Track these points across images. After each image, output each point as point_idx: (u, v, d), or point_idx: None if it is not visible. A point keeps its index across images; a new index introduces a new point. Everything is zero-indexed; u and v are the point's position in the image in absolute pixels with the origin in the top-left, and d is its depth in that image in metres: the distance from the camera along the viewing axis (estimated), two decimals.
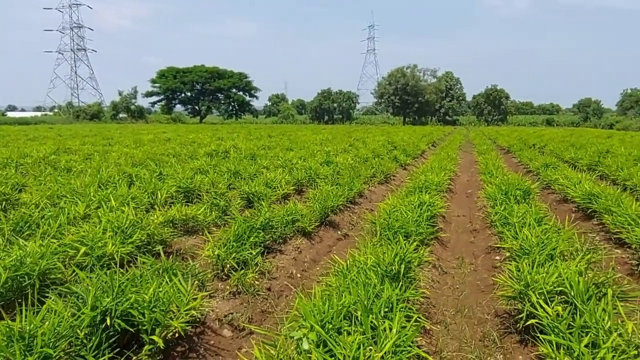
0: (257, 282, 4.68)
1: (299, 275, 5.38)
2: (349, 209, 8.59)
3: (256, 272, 4.83)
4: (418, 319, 3.39)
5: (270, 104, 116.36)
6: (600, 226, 7.07)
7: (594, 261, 4.58)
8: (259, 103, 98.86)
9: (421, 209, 6.28)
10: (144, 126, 50.03)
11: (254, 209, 6.62)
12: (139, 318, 3.02)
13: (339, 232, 7.28)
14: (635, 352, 2.82)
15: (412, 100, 76.59)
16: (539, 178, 11.81)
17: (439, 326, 4.21)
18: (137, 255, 4.37)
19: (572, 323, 3.03)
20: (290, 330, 2.81)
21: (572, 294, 3.47)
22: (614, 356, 2.72)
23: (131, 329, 3.05)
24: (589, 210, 7.62)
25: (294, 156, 13.86)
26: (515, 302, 3.85)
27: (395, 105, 78.78)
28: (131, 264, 4.26)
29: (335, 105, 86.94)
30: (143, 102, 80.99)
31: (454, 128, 62.54)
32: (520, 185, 7.71)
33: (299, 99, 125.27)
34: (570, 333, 3.00)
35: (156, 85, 77.91)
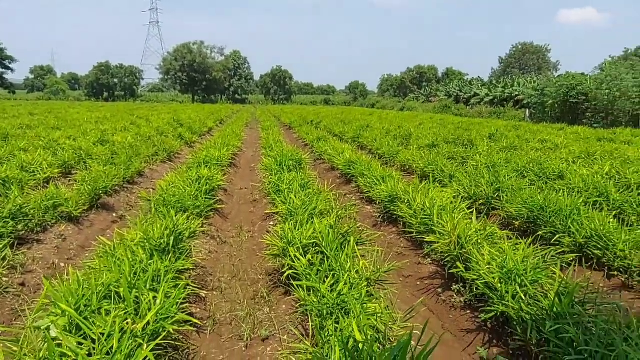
0: (4, 279, 4.05)
1: (62, 264, 4.85)
2: (126, 190, 8.05)
3: (4, 267, 4.18)
4: (187, 286, 3.46)
5: (33, 77, 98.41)
6: (357, 188, 8.29)
7: (345, 216, 5.38)
8: (16, 76, 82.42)
9: (199, 184, 6.32)
10: None
11: (3, 196, 5.64)
12: None
13: (114, 215, 6.79)
14: (365, 283, 3.46)
15: (201, 77, 75.02)
16: (312, 150, 13.11)
17: (215, 292, 4.37)
18: None
19: (320, 268, 3.53)
20: (36, 320, 2.54)
21: (324, 244, 4.02)
22: (349, 288, 3.28)
23: None
24: (349, 175, 8.85)
25: (62, 136, 12.19)
26: (280, 259, 4.26)
27: (183, 83, 75.93)
28: None
29: (115, 80, 78.91)
30: None
31: (242, 106, 63.96)
32: (293, 157, 8.43)
33: (70, 73, 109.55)
34: (319, 277, 3.49)
35: None
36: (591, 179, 6.89)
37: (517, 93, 36.04)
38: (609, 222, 4.86)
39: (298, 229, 4.31)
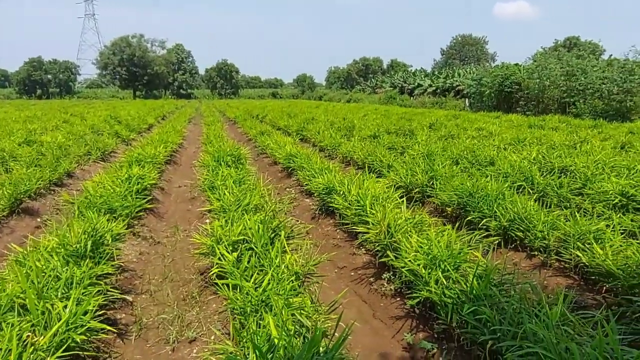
0: None
1: None
2: (53, 193, 7.60)
3: None
4: (108, 292, 3.30)
5: None
6: (297, 181, 8.26)
7: (280, 210, 5.34)
8: None
9: (130, 183, 6.06)
10: None
11: None
12: None
13: (39, 219, 6.38)
14: (294, 277, 3.44)
15: (142, 72, 72.06)
16: (255, 144, 12.96)
17: (144, 295, 4.21)
18: None
19: (247, 265, 3.47)
20: None
21: (254, 240, 3.96)
22: (276, 284, 3.24)
23: None
24: (290, 169, 8.81)
25: None
26: (211, 258, 4.16)
27: (122, 78, 72.64)
28: None
29: (49, 77, 74.39)
30: None
31: (187, 101, 62.18)
32: (231, 152, 8.28)
33: None
34: (247, 274, 3.43)
35: None
36: (518, 165, 7.22)
37: (457, 83, 37.30)
38: (531, 205, 5.10)
39: (229, 226, 4.22)
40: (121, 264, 4.47)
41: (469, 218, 5.30)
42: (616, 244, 4.08)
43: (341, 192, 5.71)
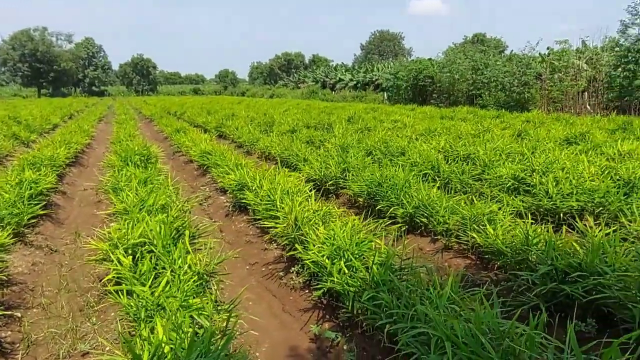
0: None
1: None
2: None
3: None
4: None
5: None
6: (213, 178, 8.05)
7: (188, 209, 5.16)
8: None
9: (21, 188, 5.54)
10: None
11: None
12: None
13: None
14: (195, 278, 3.32)
15: (47, 68, 66.49)
16: (171, 143, 12.46)
17: (35, 309, 3.88)
18: None
19: (143, 269, 3.30)
20: None
21: (155, 242, 3.78)
22: (175, 286, 3.11)
23: None
24: (205, 166, 8.56)
25: None
26: (108, 263, 3.91)
27: (25, 75, 66.59)
28: None
29: None
30: None
31: (100, 99, 58.54)
32: (140, 152, 7.87)
33: None
34: (145, 278, 3.26)
35: None
36: (426, 154, 7.56)
37: (376, 77, 38.44)
38: (434, 192, 5.36)
39: (128, 228, 3.99)
40: (8, 277, 4.07)
41: (379, 207, 5.46)
42: (506, 224, 4.40)
43: (253, 188, 5.63)
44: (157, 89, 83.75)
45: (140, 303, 2.83)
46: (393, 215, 5.23)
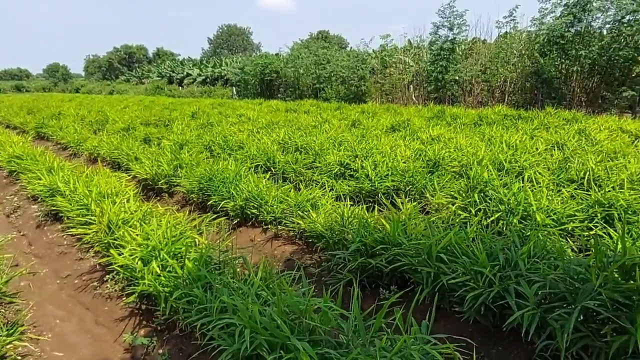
0: None
1: None
2: None
3: None
4: None
5: None
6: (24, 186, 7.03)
7: None
8: None
9: None
10: None
11: None
12: None
13: None
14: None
15: None
16: None
17: None
18: None
19: None
20: None
21: None
22: None
23: None
24: (16, 173, 7.44)
25: None
26: None
27: None
28: None
29: None
30: None
31: None
32: None
33: None
34: None
35: None
36: (264, 147, 7.64)
37: (225, 72, 37.80)
38: (264, 183, 5.43)
39: None
40: None
41: (210, 202, 5.34)
42: (328, 208, 4.65)
43: (66, 193, 5.04)
44: None
45: None
46: (225, 209, 5.16)
